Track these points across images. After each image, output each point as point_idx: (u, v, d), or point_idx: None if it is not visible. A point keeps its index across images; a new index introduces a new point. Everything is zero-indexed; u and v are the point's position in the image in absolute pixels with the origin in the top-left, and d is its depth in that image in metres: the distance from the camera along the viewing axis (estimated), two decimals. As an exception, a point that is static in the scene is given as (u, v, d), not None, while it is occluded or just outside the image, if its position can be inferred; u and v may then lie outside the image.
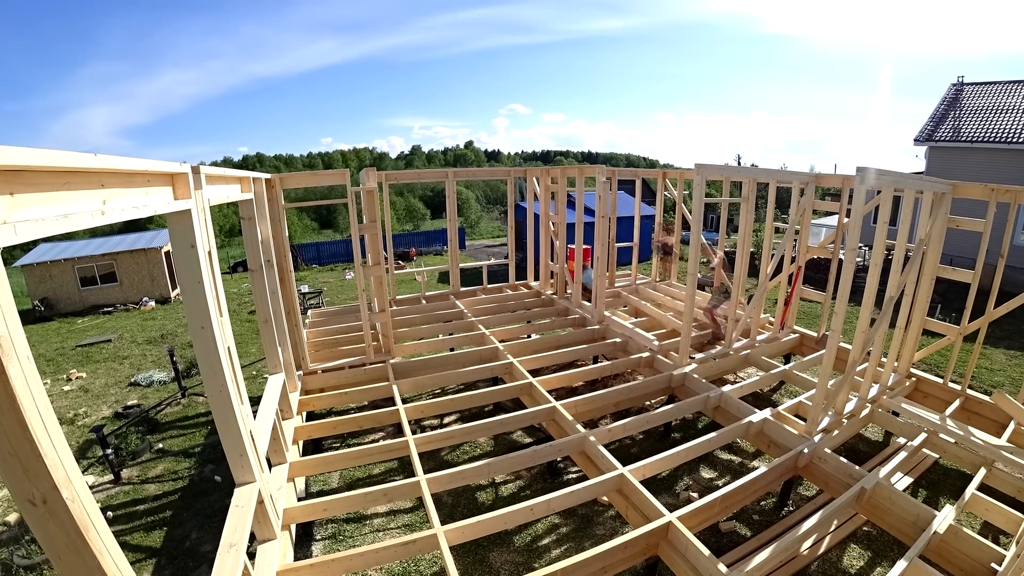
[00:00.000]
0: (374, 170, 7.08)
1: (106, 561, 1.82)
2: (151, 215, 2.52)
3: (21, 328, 1.57)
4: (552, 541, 4.83)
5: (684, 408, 5.78)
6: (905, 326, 5.90)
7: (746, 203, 6.77)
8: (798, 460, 4.71)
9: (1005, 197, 5.21)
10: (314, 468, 5.03)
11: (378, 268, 7.09)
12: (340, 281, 21.37)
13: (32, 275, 17.60)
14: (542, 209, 9.79)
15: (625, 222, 12.17)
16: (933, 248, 5.67)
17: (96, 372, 10.71)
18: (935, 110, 16.72)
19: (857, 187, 4.38)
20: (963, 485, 4.77)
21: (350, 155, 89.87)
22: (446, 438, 5.36)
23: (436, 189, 58.58)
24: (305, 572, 3.58)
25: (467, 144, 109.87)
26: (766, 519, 5.00)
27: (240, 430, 3.26)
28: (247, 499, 3.35)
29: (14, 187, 1.56)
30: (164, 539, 5.15)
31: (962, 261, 6.67)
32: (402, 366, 6.95)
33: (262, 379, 8.46)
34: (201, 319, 2.94)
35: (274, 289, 5.52)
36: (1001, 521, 4.17)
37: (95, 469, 6.53)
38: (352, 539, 4.96)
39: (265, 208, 5.54)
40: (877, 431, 6.45)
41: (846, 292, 4.61)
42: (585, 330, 8.03)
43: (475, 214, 52.58)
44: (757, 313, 7.22)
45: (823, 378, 4.81)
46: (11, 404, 1.49)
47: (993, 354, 9.26)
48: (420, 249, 30.17)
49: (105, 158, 2.00)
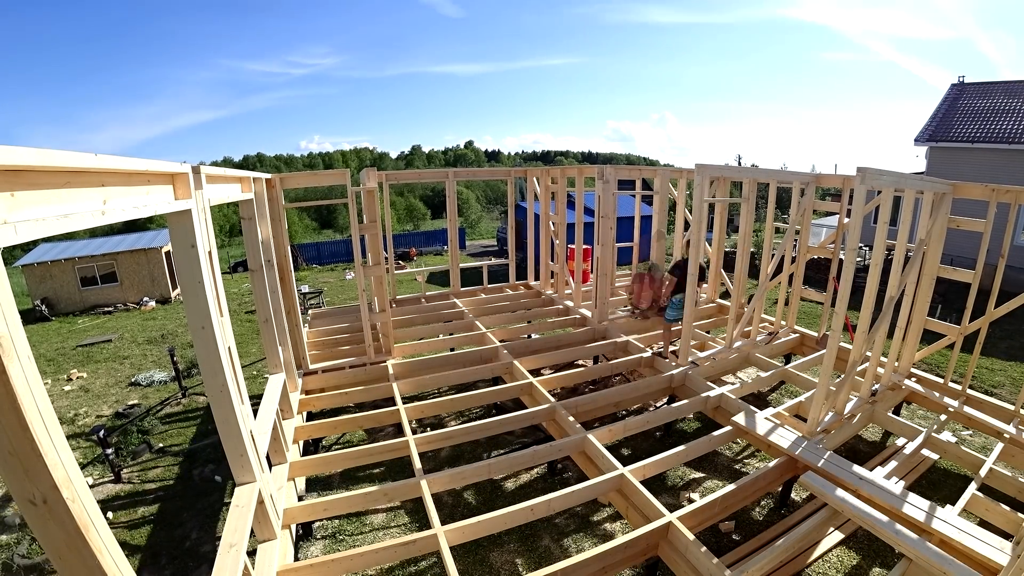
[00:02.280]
0: (374, 170, 7.09)
1: (106, 561, 1.82)
2: (152, 215, 2.53)
3: (21, 328, 1.57)
4: (552, 541, 4.83)
5: (684, 408, 5.78)
6: (905, 326, 5.90)
7: (746, 203, 6.77)
8: (798, 460, 4.71)
9: (1006, 197, 5.21)
10: (314, 468, 5.04)
11: (378, 268, 7.09)
12: (340, 281, 21.37)
13: (32, 275, 17.60)
14: (542, 209, 9.79)
15: (625, 222, 12.15)
16: (933, 248, 5.66)
17: (97, 372, 10.72)
18: (936, 110, 16.71)
19: (857, 187, 4.38)
20: (963, 486, 4.77)
21: (350, 155, 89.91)
22: (446, 438, 5.36)
23: (436, 189, 58.58)
24: (305, 572, 3.58)
25: (467, 144, 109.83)
26: (766, 519, 5.00)
27: (240, 430, 3.26)
28: (247, 499, 3.35)
29: (15, 187, 1.56)
30: (164, 539, 5.15)
31: (962, 261, 6.67)
32: (402, 366, 6.95)
33: (262, 379, 8.46)
34: (201, 319, 2.94)
35: (274, 289, 5.52)
36: (1001, 521, 4.17)
37: (95, 469, 6.53)
38: (352, 539, 4.96)
39: (265, 208, 5.54)
40: (877, 431, 6.45)
41: (846, 292, 4.61)
42: (585, 330, 8.02)
43: (475, 214, 52.55)
44: (757, 313, 7.22)
45: (824, 378, 4.80)
46: (11, 404, 1.50)
47: (994, 354, 9.25)
48: (420, 249, 30.17)
49: (105, 158, 2.00)
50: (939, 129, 15.95)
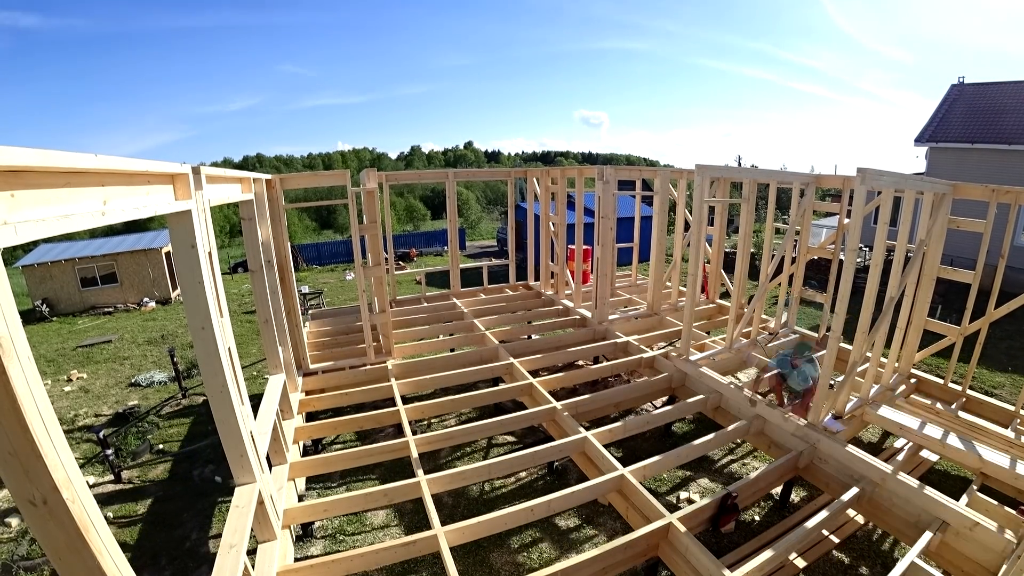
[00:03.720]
0: (374, 171, 7.09)
1: (106, 561, 1.82)
2: (152, 215, 2.53)
3: (22, 328, 1.57)
4: (552, 542, 4.83)
5: (684, 408, 5.78)
6: (906, 327, 5.90)
7: (746, 204, 6.77)
8: (798, 461, 4.71)
9: (1006, 198, 5.21)
10: (314, 468, 5.03)
11: (378, 269, 7.08)
12: (340, 281, 21.36)
13: (33, 276, 17.60)
14: (542, 210, 9.79)
15: (625, 223, 12.16)
16: (933, 249, 5.66)
17: (97, 373, 10.71)
18: (936, 110, 16.71)
19: (857, 188, 4.38)
20: (963, 486, 4.76)
21: (350, 156, 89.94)
22: (446, 438, 5.36)
23: (436, 189, 58.60)
24: (305, 572, 3.58)
25: (467, 144, 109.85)
26: (767, 520, 5.00)
27: (240, 430, 3.26)
28: (247, 499, 3.35)
29: (15, 187, 1.56)
30: (164, 539, 5.15)
31: (962, 262, 6.66)
32: (402, 367, 6.95)
33: (262, 379, 8.46)
34: (202, 319, 2.95)
35: (274, 289, 5.52)
36: (1001, 521, 4.16)
37: (95, 469, 6.53)
38: (352, 539, 4.96)
39: (266, 209, 5.54)
40: (877, 431, 6.45)
41: (847, 293, 4.61)
42: (586, 330, 8.02)
43: (475, 214, 52.55)
44: (757, 314, 7.22)
45: (824, 379, 4.81)
46: (12, 404, 1.50)
47: (994, 355, 9.25)
48: (420, 250, 30.17)
49: (106, 159, 2.00)
50: (939, 130, 15.95)
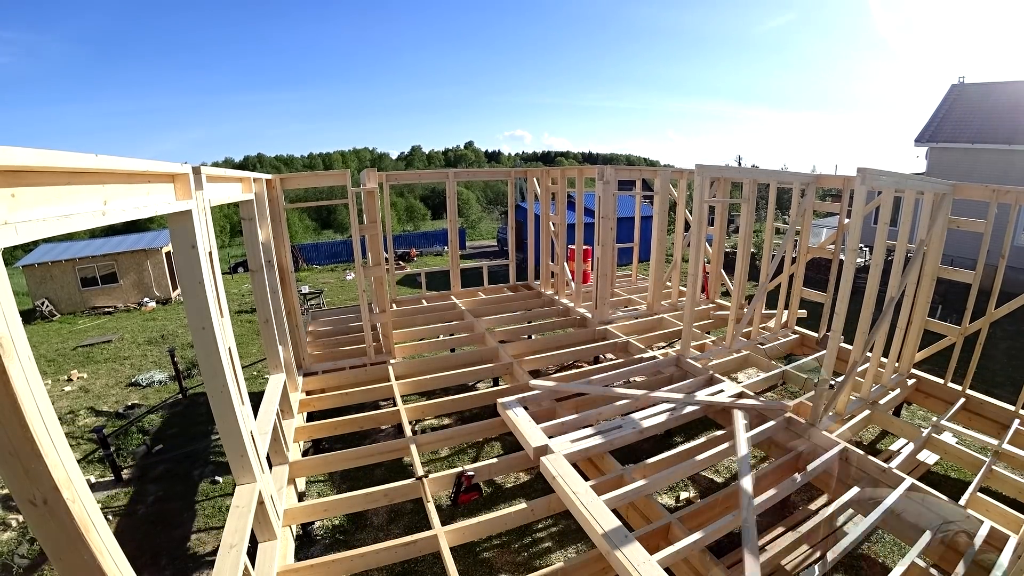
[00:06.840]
0: (375, 170, 7.09)
1: (106, 561, 1.82)
2: (152, 215, 2.53)
3: (22, 328, 1.57)
4: (553, 542, 4.83)
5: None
6: (906, 327, 5.90)
7: (747, 204, 6.77)
8: (798, 461, 4.71)
9: (1006, 198, 5.21)
10: (315, 468, 5.04)
11: (379, 269, 7.08)
12: (340, 281, 21.37)
13: (33, 276, 17.61)
14: (542, 210, 9.79)
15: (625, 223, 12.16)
16: (934, 249, 5.66)
17: (97, 372, 10.72)
18: (936, 110, 16.72)
19: (858, 188, 4.38)
20: (963, 486, 4.76)
21: (350, 155, 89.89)
22: (446, 438, 5.36)
23: (436, 189, 58.56)
24: (305, 572, 3.58)
25: (467, 144, 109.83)
26: (767, 520, 4.99)
27: (241, 430, 3.26)
28: (247, 499, 3.35)
29: (15, 187, 1.56)
30: (164, 539, 5.15)
31: (963, 262, 6.66)
32: (402, 366, 6.94)
33: (263, 379, 8.46)
34: (202, 320, 2.94)
35: (275, 289, 5.52)
36: (1001, 522, 4.16)
37: (95, 469, 6.54)
38: (352, 539, 4.96)
39: (266, 208, 5.54)
40: (877, 431, 6.45)
41: (847, 293, 4.61)
42: (586, 330, 8.02)
43: (475, 214, 52.54)
44: (757, 314, 7.22)
45: (824, 379, 4.80)
46: (12, 404, 1.50)
47: (994, 355, 9.25)
48: (421, 250, 30.18)
49: (106, 158, 2.00)
50: (939, 130, 15.96)
